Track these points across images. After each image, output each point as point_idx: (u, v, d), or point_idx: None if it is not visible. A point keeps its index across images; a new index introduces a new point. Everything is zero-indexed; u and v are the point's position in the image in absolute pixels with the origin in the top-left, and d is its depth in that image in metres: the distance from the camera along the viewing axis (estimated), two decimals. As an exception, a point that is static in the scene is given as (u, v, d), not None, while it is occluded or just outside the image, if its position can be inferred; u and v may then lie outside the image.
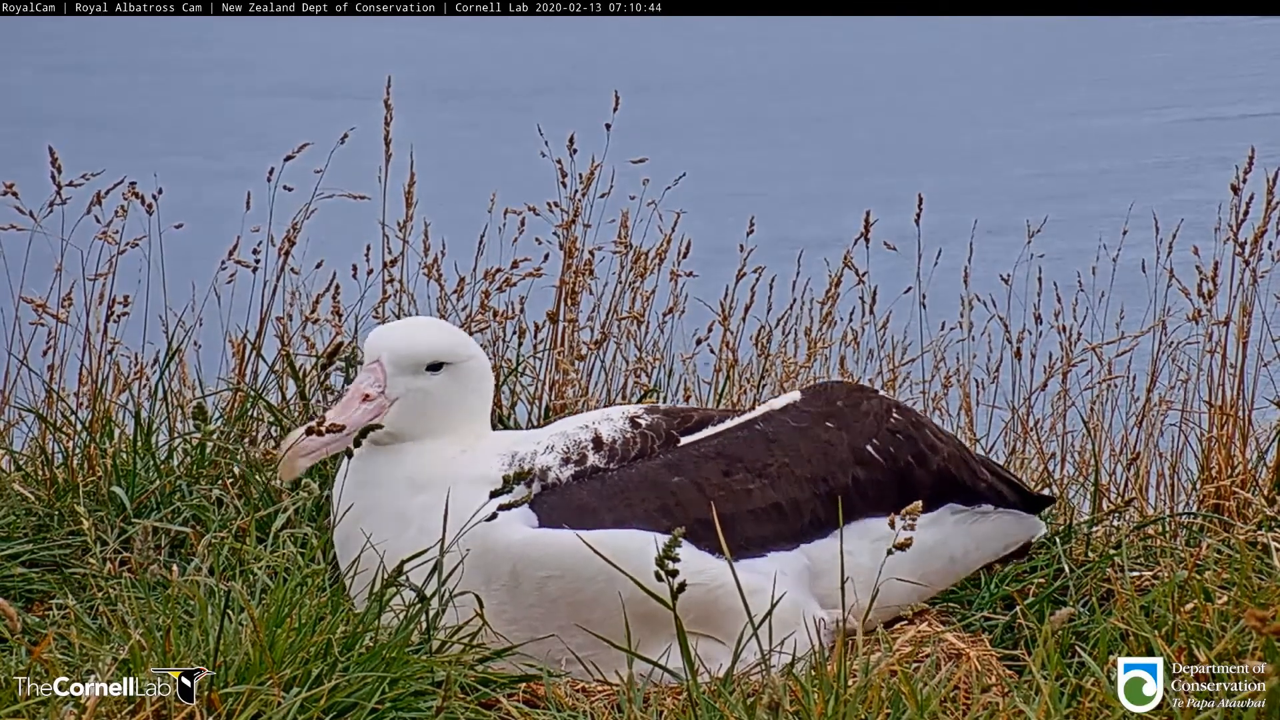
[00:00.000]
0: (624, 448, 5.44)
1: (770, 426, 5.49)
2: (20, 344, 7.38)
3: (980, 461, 5.68)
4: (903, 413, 5.58)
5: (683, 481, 5.37)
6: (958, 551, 5.62)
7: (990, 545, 5.69)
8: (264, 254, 7.66)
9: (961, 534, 5.62)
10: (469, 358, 5.51)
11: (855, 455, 5.48)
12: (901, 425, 5.54)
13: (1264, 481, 6.78)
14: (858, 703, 4.64)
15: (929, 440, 5.56)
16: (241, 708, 4.70)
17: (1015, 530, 5.73)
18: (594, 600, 5.24)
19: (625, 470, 5.39)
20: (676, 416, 5.55)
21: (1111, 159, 19.23)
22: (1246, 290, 7.50)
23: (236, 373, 7.51)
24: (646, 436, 5.47)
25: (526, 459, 5.41)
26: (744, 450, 5.43)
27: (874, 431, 5.51)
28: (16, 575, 6.02)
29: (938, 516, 5.57)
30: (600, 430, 5.48)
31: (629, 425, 5.50)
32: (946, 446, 5.59)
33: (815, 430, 5.49)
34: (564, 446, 5.44)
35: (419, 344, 5.49)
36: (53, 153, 7.37)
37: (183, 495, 6.36)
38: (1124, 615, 5.19)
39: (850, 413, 5.54)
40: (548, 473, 5.39)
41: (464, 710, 4.93)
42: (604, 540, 5.23)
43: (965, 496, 5.61)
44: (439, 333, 5.55)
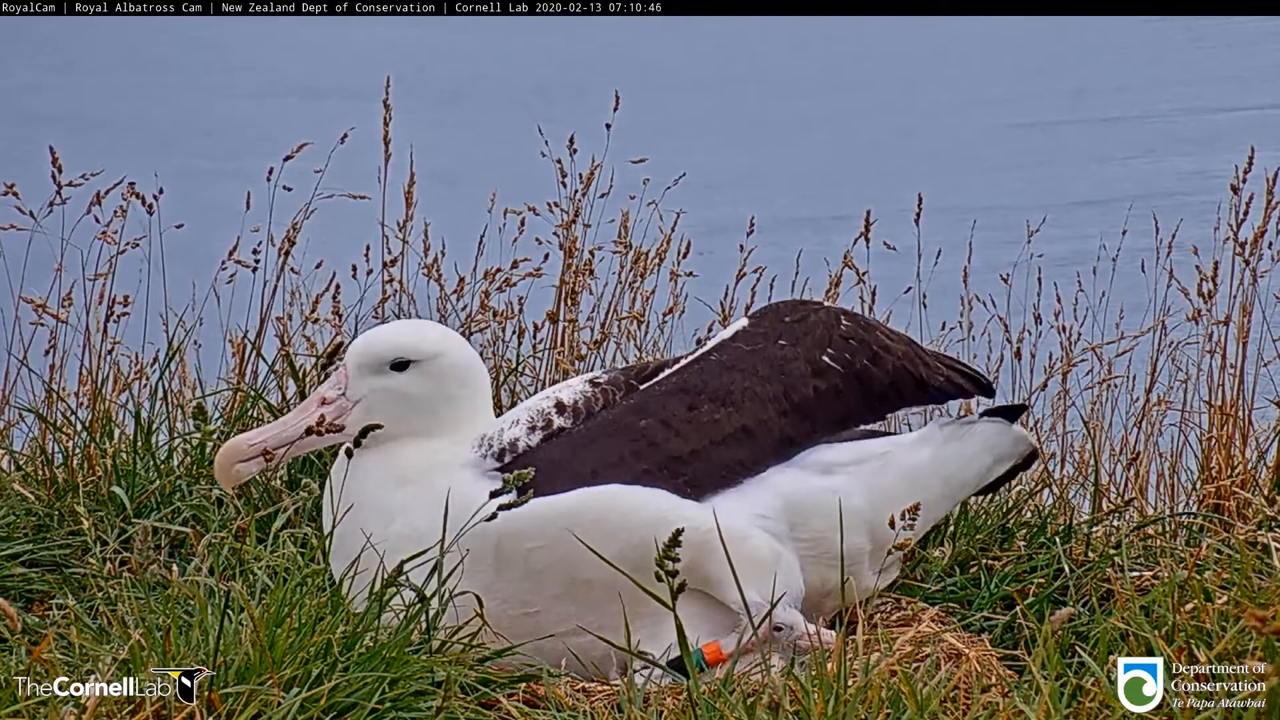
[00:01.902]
0: (586, 406, 5.49)
1: (725, 354, 5.51)
2: (20, 344, 7.38)
3: (934, 356, 5.71)
4: (851, 319, 5.60)
5: (649, 423, 5.40)
6: (951, 469, 5.61)
7: (981, 459, 5.66)
8: (264, 254, 7.66)
9: (951, 452, 5.60)
10: (435, 355, 5.50)
11: (812, 367, 5.50)
12: (851, 330, 5.56)
13: (1264, 481, 6.78)
14: (858, 703, 4.64)
15: (881, 341, 5.58)
16: (241, 708, 4.70)
17: (1001, 441, 5.66)
18: (582, 563, 5.25)
19: (590, 423, 5.43)
20: (634, 370, 5.61)
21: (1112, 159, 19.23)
22: (1246, 290, 7.50)
23: (236, 373, 7.51)
24: (607, 392, 5.52)
25: (494, 438, 5.43)
26: (704, 381, 5.46)
27: (826, 340, 5.54)
28: (16, 575, 6.02)
29: (926, 434, 5.60)
30: (561, 396, 5.52)
31: (588, 386, 5.55)
32: (898, 345, 5.61)
33: (769, 349, 5.51)
34: (529, 417, 5.47)
35: (377, 344, 5.51)
36: (53, 153, 7.37)
37: (183, 495, 6.36)
38: (1124, 615, 5.19)
39: (799, 326, 5.56)
40: (517, 443, 5.41)
41: (464, 710, 4.93)
42: (583, 500, 5.27)
43: (925, 394, 5.64)
44: (401, 331, 5.56)
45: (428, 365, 5.50)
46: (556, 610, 5.31)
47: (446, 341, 5.55)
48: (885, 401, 5.58)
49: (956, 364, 5.77)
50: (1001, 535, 6.26)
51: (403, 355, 5.50)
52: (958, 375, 5.71)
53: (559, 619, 5.31)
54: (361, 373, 5.50)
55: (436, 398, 5.50)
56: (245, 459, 5.49)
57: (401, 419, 5.48)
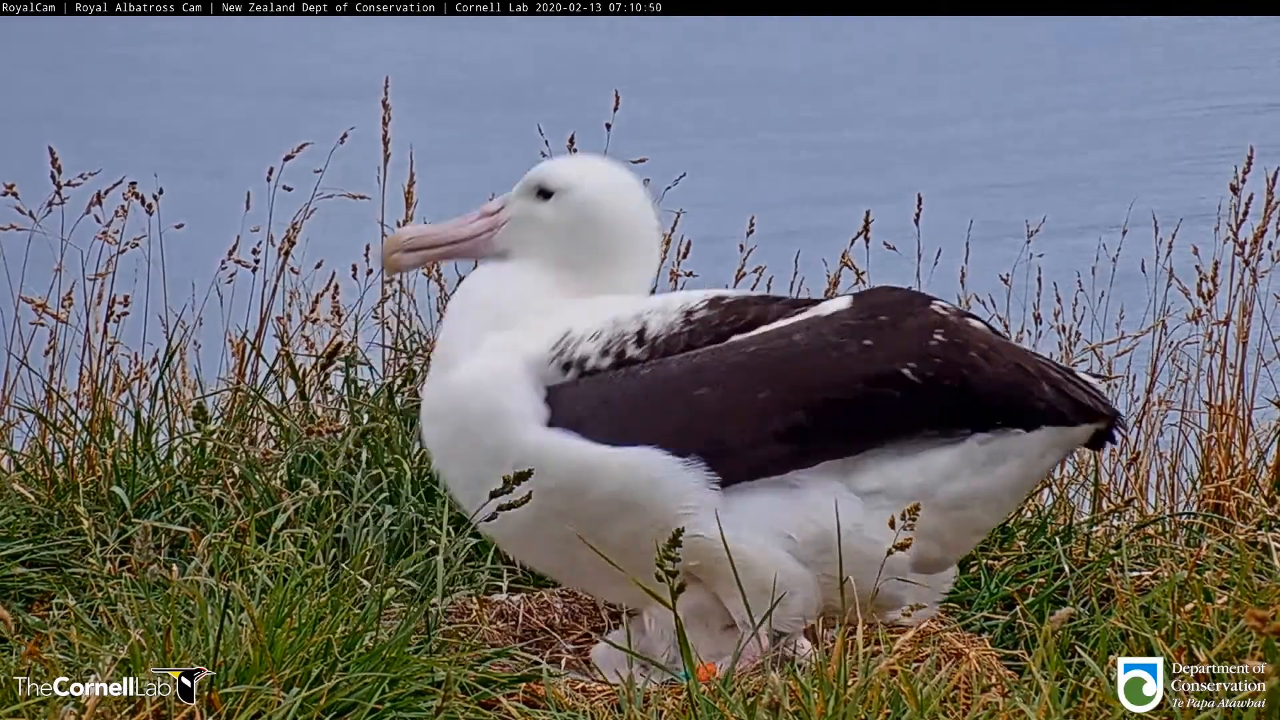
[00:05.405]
0: (666, 344, 5.28)
1: (808, 338, 5.26)
2: (20, 344, 7.38)
3: (1044, 375, 5.32)
4: (947, 333, 5.27)
5: (706, 394, 5.21)
6: (1002, 490, 5.35)
7: (1039, 464, 5.40)
8: (264, 254, 7.66)
9: (1005, 472, 5.33)
10: (567, 188, 5.45)
11: (891, 377, 5.21)
12: (940, 349, 5.24)
13: (1264, 481, 6.79)
14: (858, 703, 4.64)
15: (972, 362, 5.25)
16: (241, 708, 4.70)
17: (1066, 442, 5.39)
18: (593, 524, 5.18)
19: (656, 369, 5.24)
20: (734, 311, 5.34)
21: (1113, 158, 19.22)
22: (1246, 290, 7.50)
23: (236, 373, 7.51)
24: (694, 332, 5.30)
25: (575, 343, 5.28)
26: (775, 364, 5.22)
27: (913, 352, 5.23)
28: (16, 575, 6.02)
29: (967, 451, 5.29)
30: (649, 322, 5.32)
31: (681, 319, 5.33)
32: (994, 368, 5.28)
33: (851, 347, 5.24)
34: (609, 336, 5.30)
35: (537, 169, 5.50)
36: (53, 153, 7.38)
37: (183, 495, 6.36)
38: (1124, 615, 5.18)
39: (890, 330, 5.26)
40: (586, 362, 5.27)
41: (464, 710, 4.93)
42: (610, 461, 5.16)
43: (1016, 418, 5.29)
44: (559, 160, 5.54)
45: (563, 197, 5.45)
46: (557, 554, 5.28)
47: (585, 177, 5.48)
48: (965, 420, 5.28)
49: (1073, 385, 5.35)
50: (1001, 535, 6.26)
51: (547, 184, 5.47)
52: (1066, 401, 5.33)
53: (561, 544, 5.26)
54: (520, 194, 5.50)
55: (564, 236, 5.44)
56: (406, 250, 5.48)
57: (535, 247, 5.44)
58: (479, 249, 5.54)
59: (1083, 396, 5.35)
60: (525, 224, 5.48)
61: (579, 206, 5.45)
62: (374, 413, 6.59)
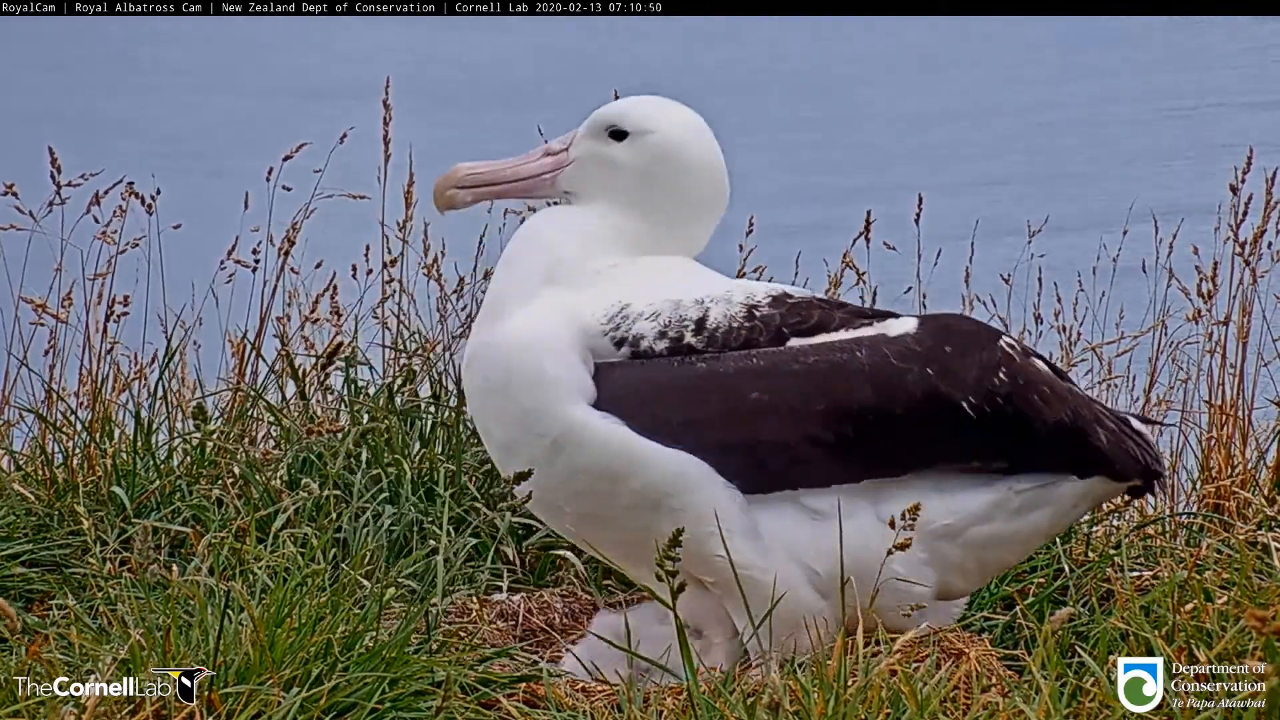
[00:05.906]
0: (724, 337, 5.15)
1: (870, 358, 5.14)
2: (20, 344, 7.38)
3: (1101, 424, 5.27)
4: (1011, 373, 5.20)
5: (760, 400, 5.08)
6: (1030, 534, 5.33)
7: (1069, 515, 5.38)
8: (264, 254, 7.66)
9: (1035, 519, 5.30)
10: (644, 130, 5.27)
11: (948, 409, 5.14)
12: (1003, 389, 5.17)
13: (1264, 481, 6.78)
14: (858, 703, 4.64)
15: (1033, 405, 5.18)
16: (241, 708, 4.70)
17: (1107, 493, 5.39)
18: (615, 506, 5.11)
19: (712, 364, 5.11)
20: (797, 313, 5.21)
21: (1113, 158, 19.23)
22: (1246, 290, 7.50)
23: (236, 373, 7.51)
24: (754, 328, 5.17)
25: (632, 317, 5.15)
26: (833, 381, 5.11)
27: (973, 388, 5.16)
28: (16, 575, 6.02)
29: (1003, 500, 5.25)
30: (710, 311, 5.17)
31: (744, 312, 5.19)
32: (1055, 414, 5.21)
33: (911, 374, 5.14)
34: (668, 319, 5.16)
35: (607, 108, 5.32)
36: (53, 153, 7.38)
37: (183, 495, 6.36)
38: (1124, 615, 5.18)
39: (955, 362, 5.16)
40: (640, 341, 5.13)
41: (464, 710, 4.93)
42: (653, 458, 5.06)
43: (1070, 465, 5.25)
44: (633, 100, 5.35)
45: (640, 140, 5.26)
46: (571, 525, 5.24)
47: (666, 119, 5.31)
48: (1013, 459, 5.22)
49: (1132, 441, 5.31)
50: (1001, 535, 6.26)
51: (619, 123, 5.28)
52: (1122, 455, 5.28)
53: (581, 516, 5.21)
54: (588, 134, 5.31)
55: (639, 180, 5.26)
56: (462, 186, 5.34)
57: (604, 192, 5.28)
58: (541, 188, 5.37)
59: (1135, 450, 5.31)
60: (594, 166, 5.29)
61: (657, 150, 5.27)
62: (374, 413, 6.59)
